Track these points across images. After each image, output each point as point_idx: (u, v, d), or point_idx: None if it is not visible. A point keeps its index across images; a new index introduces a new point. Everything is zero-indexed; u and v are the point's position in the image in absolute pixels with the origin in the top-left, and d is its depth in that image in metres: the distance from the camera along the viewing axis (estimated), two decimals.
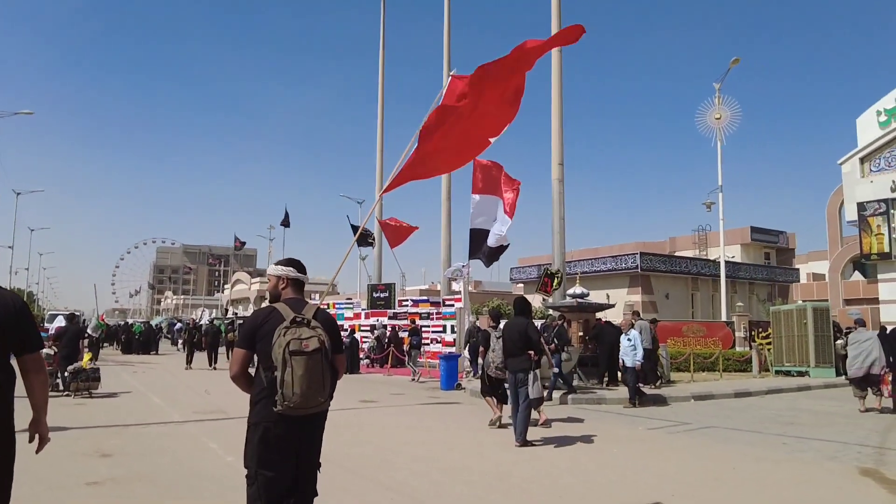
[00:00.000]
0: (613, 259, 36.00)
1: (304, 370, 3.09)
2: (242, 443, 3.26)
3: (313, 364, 3.12)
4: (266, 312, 3.39)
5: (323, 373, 3.17)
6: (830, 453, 8.13)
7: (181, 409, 11.15)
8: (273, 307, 3.41)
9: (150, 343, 32.23)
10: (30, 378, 3.01)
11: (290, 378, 3.07)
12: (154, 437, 8.40)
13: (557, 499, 5.62)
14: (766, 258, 45.35)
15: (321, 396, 3.17)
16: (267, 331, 3.25)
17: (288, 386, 3.06)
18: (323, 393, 3.18)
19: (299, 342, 3.13)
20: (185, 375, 19.34)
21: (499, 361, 9.42)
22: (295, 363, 3.08)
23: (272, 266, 3.67)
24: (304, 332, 3.19)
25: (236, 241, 75.42)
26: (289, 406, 3.08)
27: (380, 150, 31.25)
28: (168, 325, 51.36)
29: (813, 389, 16.64)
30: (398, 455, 7.48)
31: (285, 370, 3.08)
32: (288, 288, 3.56)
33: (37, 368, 3.03)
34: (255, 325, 3.35)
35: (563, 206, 18.55)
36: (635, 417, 11.35)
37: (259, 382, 3.28)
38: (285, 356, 3.09)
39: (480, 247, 13.87)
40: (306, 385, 3.08)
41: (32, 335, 3.05)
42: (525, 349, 7.90)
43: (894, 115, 23.06)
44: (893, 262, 22.74)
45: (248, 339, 3.35)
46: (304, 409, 3.14)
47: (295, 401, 3.07)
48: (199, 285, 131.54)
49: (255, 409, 3.27)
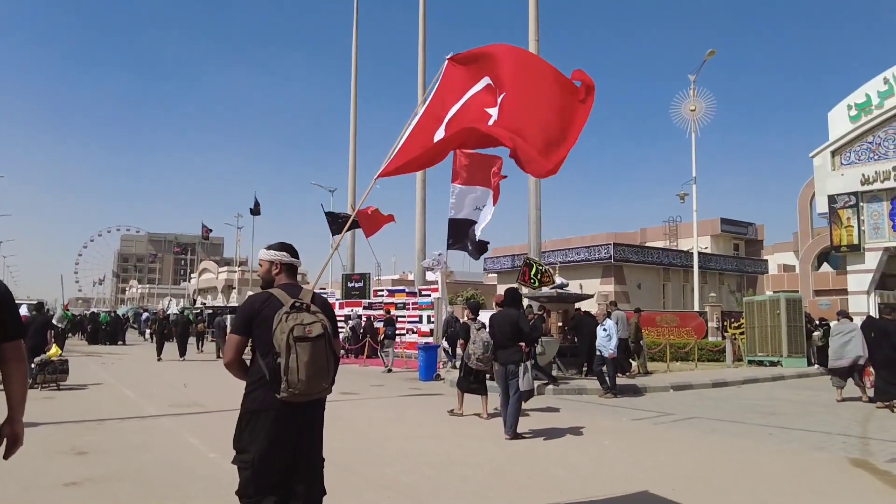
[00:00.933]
0: (587, 249, 36.14)
1: (309, 356, 3.04)
2: (224, 438, 3.16)
3: (318, 350, 3.08)
4: (263, 298, 3.29)
5: (327, 358, 3.14)
6: (816, 443, 8.18)
7: (156, 403, 10.78)
8: (269, 293, 3.32)
9: (118, 333, 31.43)
10: (9, 367, 2.80)
11: (295, 364, 3.01)
12: (131, 432, 8.06)
13: (557, 494, 5.49)
14: (735, 249, 46.06)
15: (325, 382, 3.14)
16: (265, 317, 3.17)
17: (293, 372, 3.01)
18: (327, 378, 3.15)
19: (303, 328, 3.07)
20: (156, 367, 18.85)
21: (479, 353, 9.45)
22: (300, 349, 3.03)
23: (264, 251, 3.55)
24: (305, 317, 3.13)
25: (204, 230, 74.20)
26: (293, 393, 3.03)
27: (353, 139, 30.78)
28: (134, 314, 50.25)
29: (787, 379, 16.90)
30: (387, 450, 7.29)
31: (290, 356, 3.02)
32: (281, 273, 3.48)
33: (18, 357, 2.82)
34: (251, 311, 3.26)
35: (539, 197, 18.48)
36: (618, 408, 11.34)
37: (257, 370, 3.20)
38: (289, 342, 3.03)
39: (461, 238, 13.64)
40: (312, 371, 3.04)
41: (14, 322, 2.85)
42: (516, 341, 7.76)
43: (864, 109, 23.47)
44: (862, 254, 23.21)
45: (245, 326, 3.26)
46: (308, 396, 3.09)
47: (300, 387, 3.02)
48: (164, 274, 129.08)
49: (252, 396, 3.20)
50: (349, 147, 30.76)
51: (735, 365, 20.41)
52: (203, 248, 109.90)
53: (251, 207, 48.43)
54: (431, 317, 22.49)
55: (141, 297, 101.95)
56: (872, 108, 23.27)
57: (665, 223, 46.84)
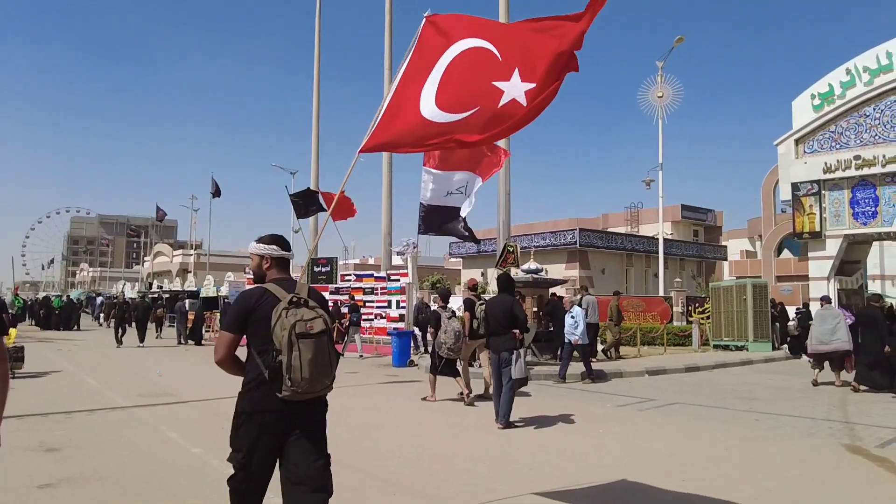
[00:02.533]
0: (552, 234, 36.28)
1: (313, 353, 2.94)
2: (205, 431, 2.99)
3: (320, 346, 2.98)
4: (258, 294, 3.16)
5: (329, 355, 3.04)
6: (805, 429, 8.21)
7: (124, 392, 10.24)
8: (264, 288, 3.18)
9: (72, 318, 30.20)
10: None
11: (297, 362, 2.91)
12: (103, 425, 7.56)
13: (565, 483, 5.30)
14: (695, 235, 46.90)
15: (328, 379, 3.06)
16: (262, 314, 3.06)
17: (296, 370, 2.90)
18: (329, 376, 3.06)
19: (304, 324, 2.95)
20: (116, 354, 18.10)
21: (451, 343, 9.52)
22: (303, 346, 2.92)
23: (253, 244, 3.40)
24: (305, 313, 3.00)
25: (158, 212, 72.01)
26: (296, 391, 2.93)
27: (315, 118, 29.79)
28: (87, 298, 48.52)
29: (755, 364, 17.17)
30: (380, 442, 7.00)
31: (292, 354, 2.91)
32: (273, 268, 3.35)
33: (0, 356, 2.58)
34: (247, 308, 3.13)
35: (508, 182, 18.27)
36: (599, 394, 11.29)
37: (254, 367, 3.09)
38: (291, 339, 2.92)
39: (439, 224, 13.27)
40: (315, 369, 2.94)
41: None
42: (510, 327, 7.54)
43: (827, 99, 23.87)
44: (823, 240, 23.73)
45: (239, 323, 3.13)
46: (310, 394, 3.00)
47: (304, 386, 2.93)
48: (116, 257, 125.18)
49: (249, 396, 3.08)
50: (312, 127, 29.93)
51: (702, 349, 20.69)
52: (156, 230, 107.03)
53: (212, 190, 46.97)
54: (401, 302, 22.15)
55: (92, 281, 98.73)
56: (835, 98, 23.68)
57: (627, 209, 47.39)
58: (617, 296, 18.40)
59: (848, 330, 11.64)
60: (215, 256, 63.05)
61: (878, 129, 22.83)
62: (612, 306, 17.31)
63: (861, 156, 22.83)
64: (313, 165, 29.80)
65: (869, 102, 23.03)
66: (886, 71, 22.68)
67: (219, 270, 55.12)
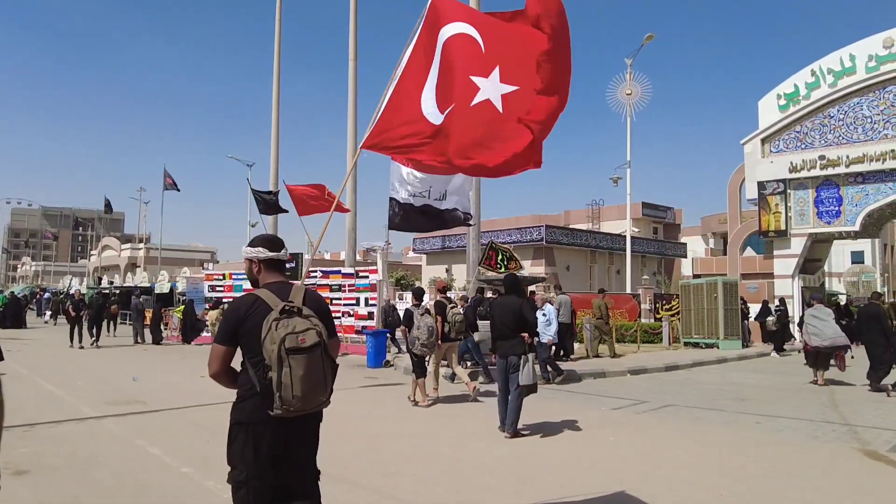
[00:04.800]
0: (518, 231, 36.13)
1: (304, 369, 2.73)
2: (188, 446, 2.60)
3: (313, 361, 2.77)
4: (249, 302, 2.96)
5: (324, 370, 2.83)
6: (809, 432, 8.07)
7: (89, 400, 9.44)
8: (256, 295, 2.98)
9: (19, 316, 28.53)
10: None
11: (288, 380, 2.71)
12: (73, 440, 6.83)
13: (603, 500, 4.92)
14: (655, 232, 47.47)
15: (322, 396, 2.85)
16: (253, 324, 2.86)
17: (287, 388, 2.71)
18: (325, 392, 2.86)
19: (295, 337, 2.75)
20: (72, 355, 17.02)
21: (424, 339, 9.45)
22: (293, 362, 2.72)
23: (244, 247, 3.22)
24: (297, 323, 2.80)
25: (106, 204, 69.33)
26: (288, 410, 2.74)
27: (275, 108, 28.74)
28: (31, 294, 46.22)
29: (730, 361, 17.24)
30: (384, 453, 6.50)
31: (282, 370, 2.71)
32: (263, 271, 3.14)
33: None
34: (237, 318, 2.93)
35: (479, 178, 17.91)
36: (588, 395, 11.03)
37: (246, 380, 2.91)
38: (281, 354, 2.72)
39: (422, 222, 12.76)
40: (307, 386, 2.74)
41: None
42: (518, 331, 7.12)
43: (793, 100, 24.24)
44: (788, 239, 24.11)
45: (231, 335, 2.94)
46: (304, 411, 2.81)
47: (295, 404, 2.74)
48: (61, 251, 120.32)
49: (242, 406, 2.92)
50: (271, 117, 28.83)
51: (673, 347, 20.75)
52: (103, 224, 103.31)
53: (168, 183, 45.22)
54: (370, 299, 21.57)
55: (35, 275, 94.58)
56: (800, 99, 24.06)
57: (588, 206, 47.65)
58: (603, 294, 18.25)
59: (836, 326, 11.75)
60: (167, 251, 60.99)
61: (842, 129, 23.28)
62: (601, 305, 17.15)
63: (826, 156, 23.26)
64: (272, 157, 28.77)
65: (833, 104, 23.47)
66: (850, 73, 23.13)
67: (170, 265, 53.34)
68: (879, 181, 22.55)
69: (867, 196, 22.80)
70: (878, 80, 22.53)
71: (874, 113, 22.69)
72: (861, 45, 22.94)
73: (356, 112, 23.63)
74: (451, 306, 10.53)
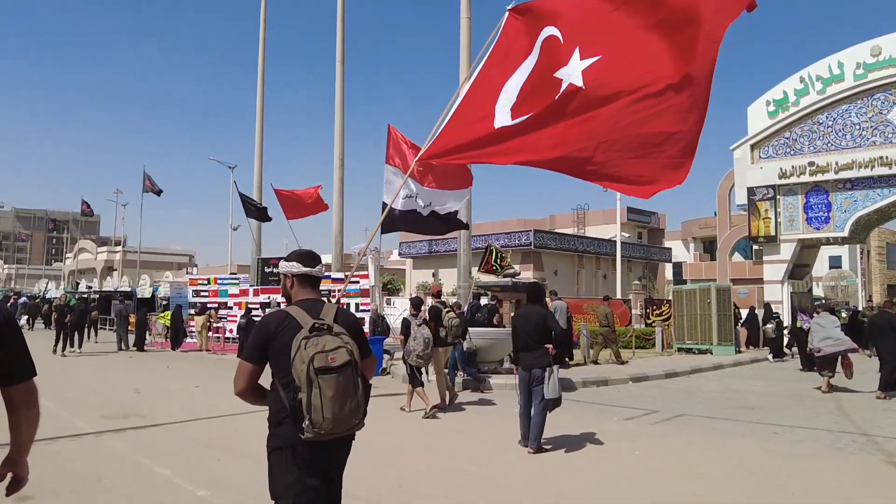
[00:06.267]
0: (507, 235, 35.98)
1: (335, 391, 2.62)
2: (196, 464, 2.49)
3: (344, 382, 2.65)
4: (279, 319, 2.84)
5: (356, 390, 2.71)
6: (830, 443, 7.94)
7: (83, 413, 9.00)
8: (286, 312, 2.87)
9: None
10: (19, 415, 2.35)
11: (318, 401, 2.59)
12: (73, 459, 6.42)
13: None
14: (639, 237, 47.64)
15: (355, 418, 2.73)
16: (282, 342, 2.74)
17: (317, 410, 2.59)
18: (357, 414, 2.73)
19: (325, 356, 2.63)
20: (57, 363, 16.44)
21: (420, 350, 9.39)
22: (323, 383, 2.60)
23: (281, 262, 3.12)
24: (327, 341, 2.68)
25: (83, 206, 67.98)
26: (318, 433, 2.62)
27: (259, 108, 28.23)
28: (3, 298, 45.00)
29: (726, 368, 17.20)
30: (405, 472, 6.21)
31: (311, 391, 2.60)
32: (297, 287, 3.02)
33: (29, 403, 2.37)
34: (266, 336, 2.82)
35: None
36: (594, 405, 10.83)
37: (277, 400, 2.76)
38: (310, 375, 2.60)
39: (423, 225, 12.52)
40: (338, 408, 2.62)
41: (23, 358, 2.36)
42: (542, 342, 6.88)
43: (782, 106, 24.38)
44: (778, 244, 24.23)
45: (259, 352, 2.82)
46: (336, 434, 2.69)
47: (326, 427, 2.61)
48: (35, 254, 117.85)
49: (277, 430, 2.78)
50: (255, 118, 28.30)
51: (666, 353, 20.69)
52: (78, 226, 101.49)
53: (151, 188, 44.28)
54: (361, 305, 21.23)
55: (8, 279, 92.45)
56: (789, 105, 24.21)
57: (574, 210, 47.72)
58: (607, 301, 18.11)
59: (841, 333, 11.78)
60: (145, 254, 59.92)
61: (831, 136, 23.45)
62: (607, 312, 17.03)
63: (815, 162, 23.42)
64: (256, 159, 28.27)
65: (822, 110, 23.64)
66: (838, 80, 23.32)
67: (148, 269, 52.39)
68: (868, 188, 22.74)
69: (856, 202, 22.98)
70: (866, 87, 22.74)
71: (862, 120, 22.88)
72: (849, 53, 23.14)
73: (343, 114, 23.30)
74: (446, 311, 10.49)
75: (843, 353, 11.58)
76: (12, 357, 2.33)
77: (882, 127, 22.46)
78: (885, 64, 22.34)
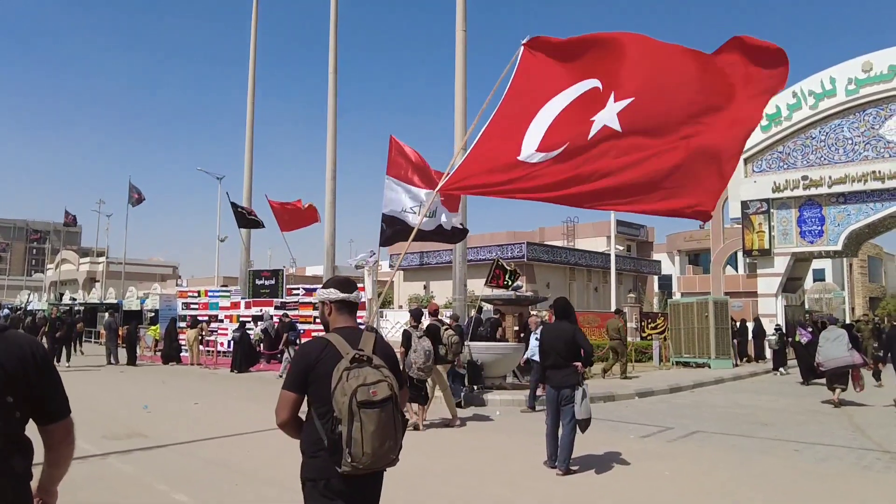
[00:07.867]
0: (499, 248, 35.84)
1: (377, 426, 2.58)
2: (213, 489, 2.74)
3: (385, 416, 2.62)
4: (319, 348, 2.80)
5: (395, 425, 2.67)
6: (853, 461, 7.83)
7: (84, 432, 8.57)
8: (327, 340, 2.82)
9: None
10: (59, 452, 2.34)
11: (359, 435, 2.55)
12: (84, 486, 6.06)
13: None
14: (628, 250, 47.78)
15: (392, 453, 2.69)
16: (323, 371, 2.69)
17: (357, 444, 2.55)
18: (395, 449, 2.70)
19: (367, 389, 2.59)
20: None
21: (421, 363, 9.28)
22: (365, 417, 2.57)
23: (318, 289, 3.16)
24: (369, 374, 2.64)
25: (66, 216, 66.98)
26: (356, 467, 2.58)
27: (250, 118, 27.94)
28: None
29: (727, 381, 17.16)
30: (431, 497, 5.97)
31: (353, 425, 2.56)
32: (335, 313, 2.96)
33: (69, 440, 2.37)
34: (307, 365, 2.77)
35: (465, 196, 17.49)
36: (609, 422, 10.62)
37: (313, 432, 2.72)
38: (352, 408, 2.56)
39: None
40: (378, 444, 2.59)
41: (59, 396, 2.34)
42: (571, 360, 6.70)
43: (775, 120, 24.57)
44: (772, 258, 24.34)
45: (300, 381, 2.77)
46: (373, 469, 2.65)
47: (365, 462, 2.57)
48: (13, 265, 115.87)
49: (312, 462, 2.72)
50: (245, 128, 27.97)
51: (664, 366, 20.61)
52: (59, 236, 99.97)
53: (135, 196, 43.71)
54: (358, 318, 20.94)
55: None
56: (782, 120, 24.40)
57: (563, 223, 47.76)
58: (619, 314, 18.04)
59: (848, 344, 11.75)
60: (129, 265, 59.06)
61: (824, 150, 23.66)
62: (619, 326, 16.94)
63: (808, 176, 23.60)
64: (246, 170, 27.93)
65: (815, 125, 23.87)
66: (830, 95, 23.56)
67: (132, 280, 51.61)
68: (861, 201, 22.94)
69: (849, 216, 23.16)
70: (858, 102, 23.01)
71: (855, 134, 23.12)
72: (841, 69, 23.41)
73: (335, 126, 23.07)
74: (444, 328, 10.41)
75: (853, 366, 11.56)
76: (52, 396, 2.31)
77: (874, 142, 22.71)
78: (876, 80, 22.61)
